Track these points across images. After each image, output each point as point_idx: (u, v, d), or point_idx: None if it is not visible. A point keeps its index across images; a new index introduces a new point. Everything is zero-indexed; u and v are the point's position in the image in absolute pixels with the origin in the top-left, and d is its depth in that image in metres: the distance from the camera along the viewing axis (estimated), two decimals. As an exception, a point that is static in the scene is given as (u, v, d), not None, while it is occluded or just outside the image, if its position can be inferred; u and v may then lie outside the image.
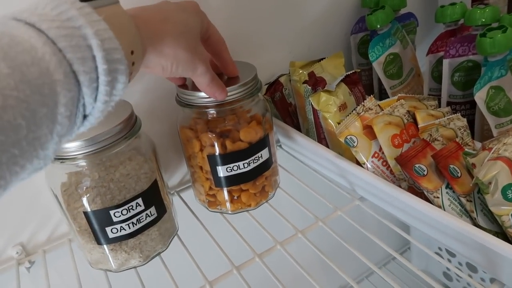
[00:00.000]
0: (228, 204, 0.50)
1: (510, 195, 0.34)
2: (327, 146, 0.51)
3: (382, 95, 0.61)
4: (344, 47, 0.63)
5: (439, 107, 0.51)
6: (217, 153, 0.46)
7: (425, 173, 0.40)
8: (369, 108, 0.45)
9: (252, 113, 0.48)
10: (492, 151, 0.36)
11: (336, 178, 0.53)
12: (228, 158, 0.46)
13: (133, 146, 0.42)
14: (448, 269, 0.88)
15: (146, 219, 0.43)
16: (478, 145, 0.42)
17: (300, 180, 0.54)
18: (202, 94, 0.43)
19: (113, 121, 0.39)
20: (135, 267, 0.45)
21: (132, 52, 0.28)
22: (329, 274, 0.47)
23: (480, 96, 0.43)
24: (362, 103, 0.45)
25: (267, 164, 0.49)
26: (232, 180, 0.47)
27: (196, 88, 0.44)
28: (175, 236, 0.48)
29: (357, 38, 0.61)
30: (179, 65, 0.34)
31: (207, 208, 0.51)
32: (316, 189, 0.52)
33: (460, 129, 0.43)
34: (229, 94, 0.43)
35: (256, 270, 0.43)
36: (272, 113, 0.59)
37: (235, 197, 0.49)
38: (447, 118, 0.44)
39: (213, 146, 0.45)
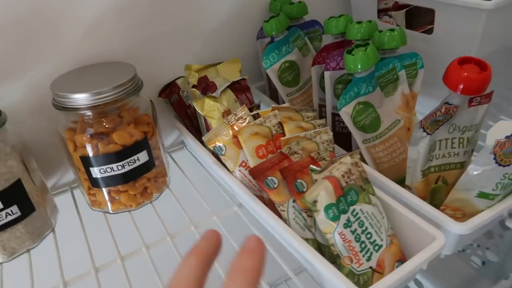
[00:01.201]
0: (109, 204, 0.50)
1: (331, 214, 0.34)
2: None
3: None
4: (253, 52, 0.63)
5: (319, 118, 0.51)
6: (90, 155, 0.46)
7: (276, 186, 0.40)
8: (241, 117, 0.46)
9: (134, 115, 0.49)
10: (328, 169, 0.37)
11: (219, 181, 0.53)
12: (101, 160, 0.46)
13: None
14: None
15: (6, 217, 0.43)
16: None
17: (191, 182, 0.55)
18: (75, 95, 0.43)
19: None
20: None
21: None
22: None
23: (346, 111, 0.44)
24: (234, 112, 0.45)
25: (147, 167, 0.49)
26: (108, 182, 0.48)
27: (69, 90, 0.44)
28: (52, 233, 0.49)
29: (264, 43, 0.61)
30: None
31: (90, 207, 0.52)
32: (205, 192, 0.53)
33: (323, 143, 0.44)
34: (102, 95, 0.44)
35: (117, 273, 0.44)
36: (174, 115, 0.59)
37: (116, 198, 0.50)
38: (314, 132, 0.44)
39: (85, 147, 0.45)
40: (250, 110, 0.52)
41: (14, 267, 0.46)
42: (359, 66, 0.42)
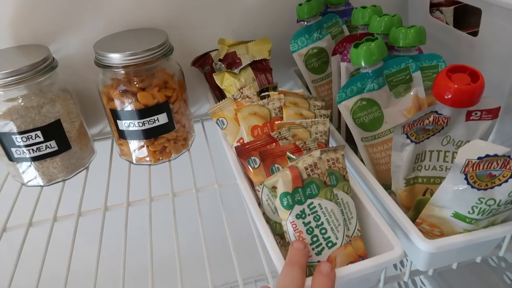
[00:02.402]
0: (133, 155, 0.57)
1: (285, 202, 0.35)
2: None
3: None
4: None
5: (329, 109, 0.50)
6: (118, 109, 0.52)
7: (257, 166, 0.42)
8: (247, 96, 0.48)
9: (164, 78, 0.54)
10: (297, 160, 0.37)
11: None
12: (126, 114, 0.52)
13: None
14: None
15: (46, 149, 0.52)
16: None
17: (210, 150, 0.59)
18: (111, 55, 0.50)
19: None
20: (40, 186, 0.55)
21: None
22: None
23: (346, 105, 0.43)
24: (240, 90, 0.48)
25: (166, 128, 0.54)
26: (131, 135, 0.54)
27: (107, 49, 0.51)
28: (84, 170, 0.57)
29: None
30: None
31: (120, 156, 0.59)
32: (219, 161, 0.57)
33: (317, 134, 0.44)
34: (133, 57, 0.50)
35: (121, 215, 0.51)
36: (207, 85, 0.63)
37: (137, 151, 0.56)
38: (311, 121, 0.44)
39: (114, 101, 0.52)
40: (266, 90, 0.54)
41: (50, 193, 0.55)
42: (362, 61, 0.40)
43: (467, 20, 0.51)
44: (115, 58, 0.50)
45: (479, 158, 0.30)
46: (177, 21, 0.60)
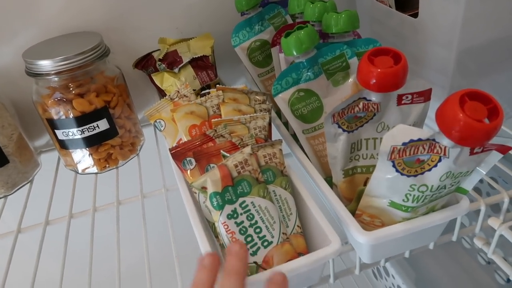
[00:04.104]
0: (78, 165, 0.55)
1: (215, 202, 0.34)
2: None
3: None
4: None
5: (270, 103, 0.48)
6: (54, 118, 0.50)
7: (192, 167, 0.40)
8: (184, 95, 0.46)
9: (104, 83, 0.51)
10: (227, 157, 0.35)
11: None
12: (63, 123, 0.50)
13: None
14: None
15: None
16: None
17: (160, 154, 0.57)
18: (42, 62, 0.47)
19: None
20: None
21: None
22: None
23: (282, 98, 0.41)
24: (177, 89, 0.46)
25: (108, 134, 0.52)
26: (71, 144, 0.52)
27: (38, 56, 0.48)
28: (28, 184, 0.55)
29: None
30: None
31: (64, 166, 0.57)
32: (169, 166, 0.55)
33: (256, 129, 0.42)
34: (66, 62, 0.47)
35: (62, 229, 0.48)
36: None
37: (81, 160, 0.54)
38: (250, 116, 0.42)
39: (48, 111, 0.50)
40: (208, 87, 0.52)
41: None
42: (293, 50, 0.39)
43: (409, 3, 0.50)
44: (46, 65, 0.47)
45: (404, 143, 0.29)
46: (116, 22, 0.58)
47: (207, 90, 0.47)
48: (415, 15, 0.47)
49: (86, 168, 0.54)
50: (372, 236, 0.33)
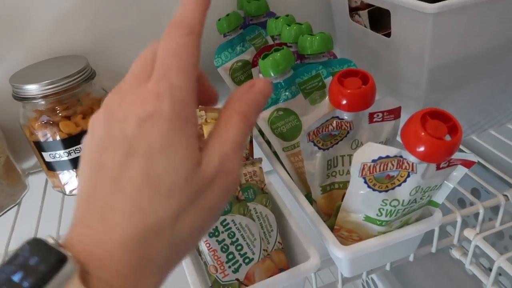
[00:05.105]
0: (65, 186, 0.55)
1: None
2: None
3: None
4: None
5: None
6: (41, 140, 0.51)
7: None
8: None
9: (87, 105, 0.52)
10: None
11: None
12: (50, 146, 0.51)
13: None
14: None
15: (-33, 189, 0.50)
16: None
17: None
18: (29, 86, 0.48)
19: None
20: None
21: None
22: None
23: (262, 117, 0.43)
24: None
25: (95, 155, 0.53)
26: (58, 166, 0.53)
27: (24, 81, 0.49)
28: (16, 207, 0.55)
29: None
30: None
31: (52, 187, 0.57)
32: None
33: (237, 148, 0.43)
34: (52, 86, 0.48)
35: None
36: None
37: (68, 181, 0.55)
38: (231, 135, 0.44)
39: (35, 134, 0.51)
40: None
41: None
42: (271, 71, 0.40)
43: (384, 22, 0.52)
44: (33, 89, 0.48)
45: (373, 160, 0.30)
46: (103, 45, 0.59)
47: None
48: (389, 35, 0.49)
49: (73, 189, 0.55)
50: (349, 251, 0.34)
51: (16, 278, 0.18)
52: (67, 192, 0.56)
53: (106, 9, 0.57)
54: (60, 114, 0.50)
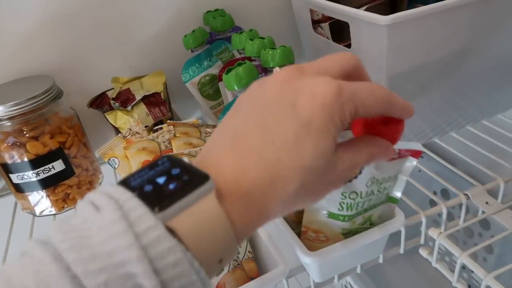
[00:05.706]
0: (35, 208, 0.54)
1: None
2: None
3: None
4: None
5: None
6: (8, 162, 0.50)
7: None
8: (136, 132, 0.47)
9: (55, 124, 0.52)
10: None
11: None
12: (17, 167, 0.50)
13: None
14: None
15: None
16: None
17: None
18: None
19: None
20: None
21: (220, 261, 0.21)
22: None
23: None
24: (129, 127, 0.47)
25: (64, 175, 0.53)
26: (27, 187, 0.52)
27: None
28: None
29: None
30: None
31: (22, 209, 0.56)
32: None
33: (206, 161, 0.44)
34: (18, 107, 0.48)
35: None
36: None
37: (38, 202, 0.54)
38: (200, 149, 0.44)
39: (1, 156, 0.50)
40: (160, 123, 0.53)
41: None
42: (234, 86, 0.41)
43: (344, 33, 0.54)
44: (-3, 111, 0.48)
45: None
46: (71, 64, 0.59)
47: (159, 126, 0.49)
48: (350, 45, 0.51)
49: (43, 210, 0.54)
50: (316, 256, 0.35)
51: (160, 180, 0.20)
52: (37, 214, 0.55)
53: (72, 28, 0.57)
54: (27, 135, 0.50)
